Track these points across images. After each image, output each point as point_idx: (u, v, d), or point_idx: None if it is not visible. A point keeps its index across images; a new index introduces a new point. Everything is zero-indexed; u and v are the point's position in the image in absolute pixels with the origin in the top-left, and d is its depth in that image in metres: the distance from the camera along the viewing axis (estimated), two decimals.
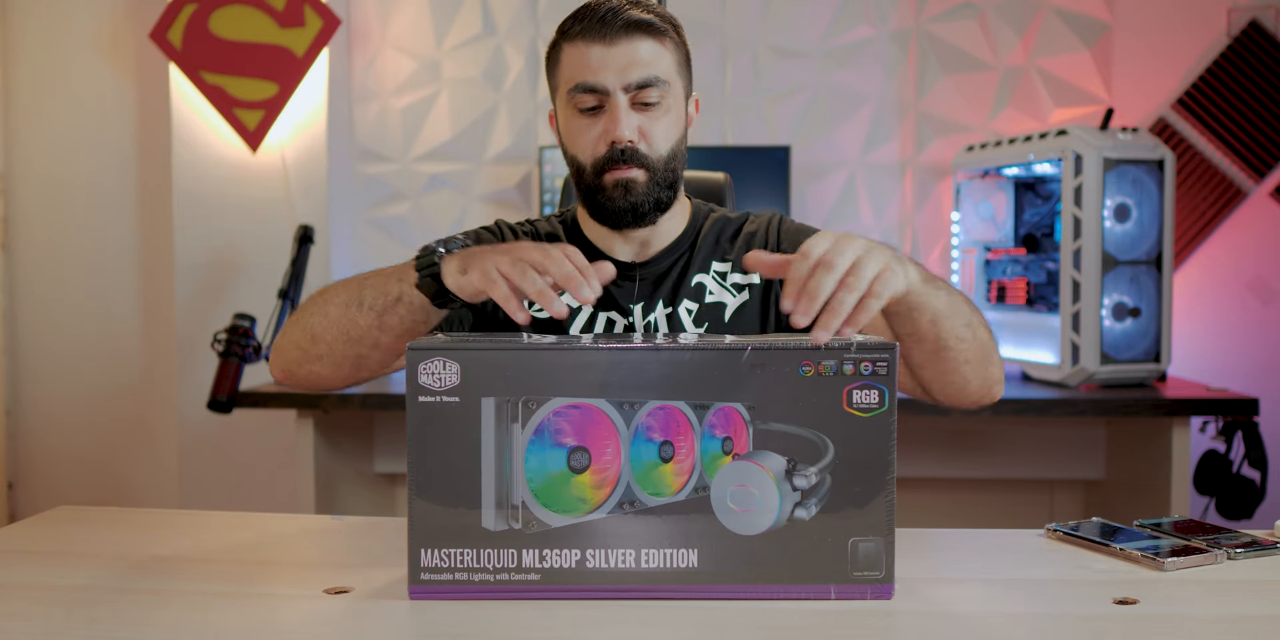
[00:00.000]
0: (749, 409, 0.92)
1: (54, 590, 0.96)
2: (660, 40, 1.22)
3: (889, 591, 0.93)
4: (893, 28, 3.05)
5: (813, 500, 0.92)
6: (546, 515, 0.92)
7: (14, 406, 3.19)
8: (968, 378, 1.17)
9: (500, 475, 0.91)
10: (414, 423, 0.90)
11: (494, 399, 0.90)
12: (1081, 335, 2.46)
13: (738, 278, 1.31)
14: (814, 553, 0.93)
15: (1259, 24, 2.93)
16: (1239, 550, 1.06)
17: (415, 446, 0.91)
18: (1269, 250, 2.97)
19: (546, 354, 0.91)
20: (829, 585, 0.93)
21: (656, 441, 0.92)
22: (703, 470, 0.92)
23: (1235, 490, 2.44)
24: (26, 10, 3.14)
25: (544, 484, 0.91)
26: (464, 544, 0.92)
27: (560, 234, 1.36)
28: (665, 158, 1.23)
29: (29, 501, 3.19)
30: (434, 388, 0.90)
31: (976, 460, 2.79)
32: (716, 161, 2.86)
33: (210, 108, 2.92)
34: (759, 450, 0.92)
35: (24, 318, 3.18)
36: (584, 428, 0.91)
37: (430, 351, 0.90)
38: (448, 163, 3.15)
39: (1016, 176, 2.79)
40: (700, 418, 0.92)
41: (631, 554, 0.92)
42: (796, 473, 0.92)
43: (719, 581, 0.93)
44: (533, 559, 0.92)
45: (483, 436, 0.91)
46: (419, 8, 3.12)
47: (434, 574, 0.92)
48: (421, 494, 0.91)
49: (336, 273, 3.06)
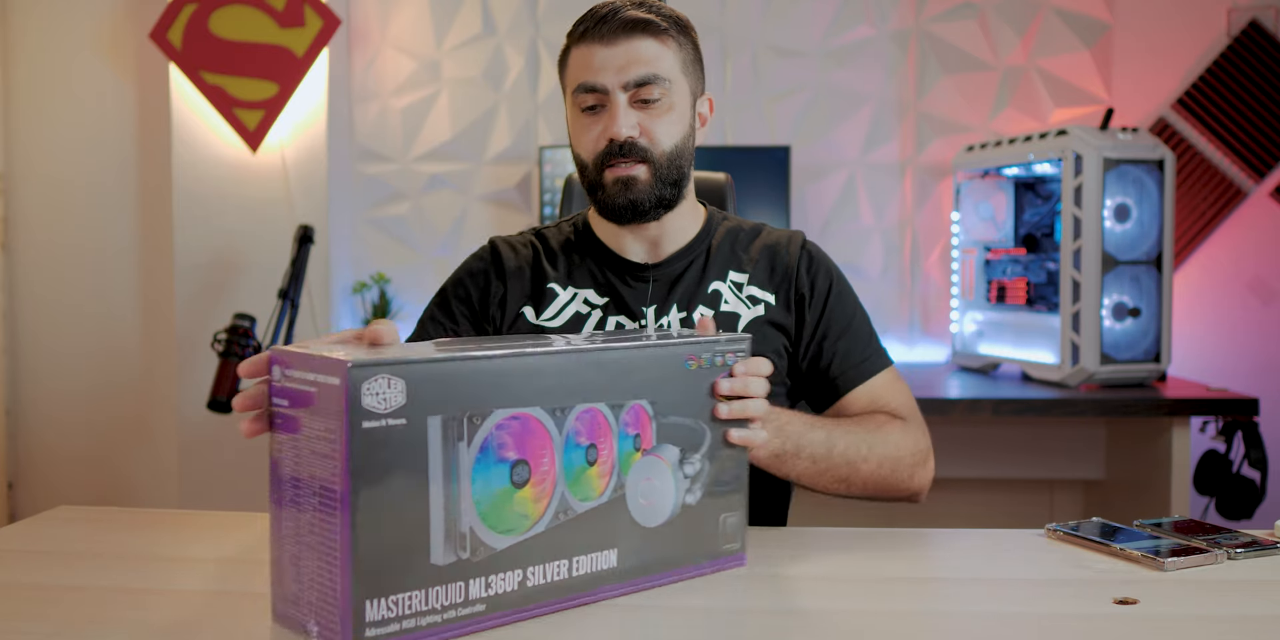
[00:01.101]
0: (652, 404, 0.95)
1: (54, 590, 0.96)
2: (661, 39, 1.23)
3: (744, 559, 1.03)
4: (893, 28, 3.05)
5: (697, 485, 0.99)
6: (492, 538, 0.85)
7: (14, 406, 3.19)
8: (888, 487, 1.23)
9: (449, 501, 0.82)
10: (355, 455, 0.77)
11: (440, 417, 0.81)
12: (1081, 335, 2.46)
13: (754, 290, 1.31)
14: (697, 533, 0.99)
15: (1259, 24, 2.93)
16: (1239, 550, 1.06)
17: (358, 484, 0.77)
18: (1269, 250, 2.97)
19: (487, 363, 0.84)
20: (707, 561, 1.00)
21: (583, 445, 0.91)
22: (619, 469, 0.93)
23: (1235, 490, 2.44)
24: (26, 10, 3.14)
25: (490, 505, 0.84)
26: (412, 586, 0.81)
27: (571, 240, 1.35)
28: (668, 154, 1.24)
29: (29, 501, 3.19)
30: (379, 410, 0.78)
31: (976, 460, 2.79)
32: (716, 161, 2.86)
33: (210, 108, 2.92)
34: (660, 443, 0.96)
35: (24, 318, 3.18)
36: (523, 439, 0.86)
37: (374, 368, 0.77)
38: (448, 163, 3.15)
39: (1016, 176, 2.79)
40: (617, 417, 0.93)
41: (565, 564, 0.90)
42: (686, 461, 0.98)
43: (633, 576, 0.95)
44: (479, 588, 0.85)
45: (429, 460, 0.81)
46: (419, 8, 3.12)
47: (380, 628, 0.79)
48: (366, 536, 0.78)
49: (336, 273, 3.06)
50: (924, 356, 3.10)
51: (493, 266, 1.34)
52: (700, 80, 1.31)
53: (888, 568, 1.04)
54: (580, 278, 1.32)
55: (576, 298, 1.30)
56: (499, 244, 1.36)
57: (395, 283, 3.13)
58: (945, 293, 3.07)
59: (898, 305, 3.11)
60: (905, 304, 3.11)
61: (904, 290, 3.10)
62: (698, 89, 1.30)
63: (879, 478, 1.19)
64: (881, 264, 3.10)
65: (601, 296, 1.30)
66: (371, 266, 3.17)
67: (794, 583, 0.99)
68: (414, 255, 3.15)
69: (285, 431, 0.82)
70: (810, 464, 1.14)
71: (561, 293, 1.31)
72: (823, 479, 1.17)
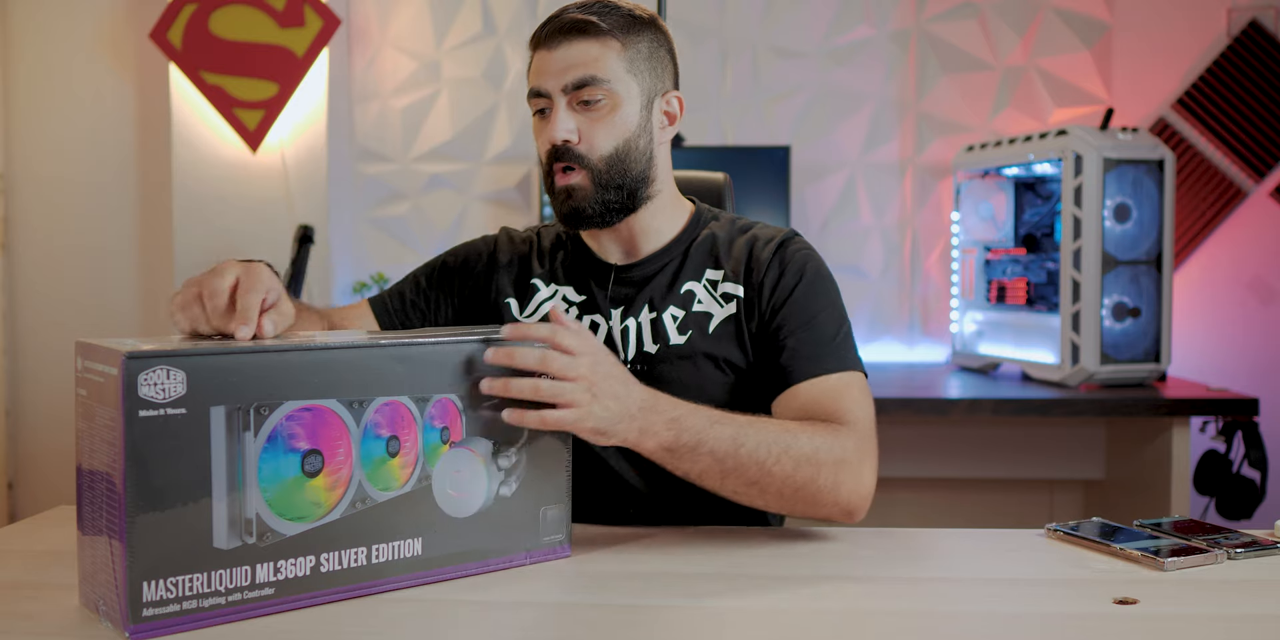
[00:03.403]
0: (461, 399, 0.97)
1: (54, 590, 0.95)
2: (602, 40, 1.22)
3: (568, 551, 1.05)
4: (893, 28, 3.05)
5: (513, 477, 1.01)
6: (281, 525, 0.88)
7: (14, 406, 3.19)
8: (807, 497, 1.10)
9: (232, 488, 0.85)
10: (132, 441, 0.80)
11: (224, 407, 0.84)
12: (1081, 335, 2.46)
13: (729, 287, 1.27)
14: (514, 525, 1.01)
15: (1259, 24, 2.93)
16: (1239, 550, 1.06)
17: (134, 468, 0.81)
18: (1269, 250, 2.97)
19: (276, 356, 0.88)
20: (525, 552, 1.02)
21: (384, 437, 0.93)
22: (424, 461, 0.96)
23: (1235, 490, 2.44)
24: (26, 10, 3.14)
25: (278, 493, 0.87)
26: (193, 569, 0.84)
27: (561, 238, 1.37)
28: (607, 158, 1.22)
29: (29, 501, 3.18)
30: (157, 400, 0.81)
31: (976, 460, 2.79)
32: (716, 161, 2.86)
33: (210, 108, 2.92)
34: (470, 436, 0.98)
35: (24, 318, 3.18)
36: (316, 430, 0.89)
37: (151, 360, 0.81)
38: (448, 163, 3.15)
39: (1016, 176, 2.79)
40: (422, 410, 0.95)
41: (363, 551, 0.93)
42: (500, 454, 1.00)
43: (439, 565, 0.97)
44: (267, 573, 0.87)
45: (212, 448, 0.84)
46: (419, 8, 3.12)
47: (159, 608, 0.83)
48: (142, 520, 0.81)
49: (337, 273, 3.06)
50: (924, 356, 3.10)
51: (490, 254, 1.38)
52: (661, 78, 1.27)
53: (888, 568, 1.04)
54: (563, 275, 1.33)
55: (557, 294, 1.32)
56: (503, 236, 1.40)
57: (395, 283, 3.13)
58: (945, 293, 3.07)
59: (898, 305, 3.10)
60: (905, 304, 3.11)
61: (904, 290, 3.10)
62: (656, 87, 1.26)
63: (795, 484, 1.08)
64: (881, 264, 3.10)
65: (580, 294, 1.31)
66: (371, 266, 3.17)
67: (790, 583, 0.99)
68: (414, 255, 3.15)
69: (84, 421, 0.87)
70: (713, 462, 1.06)
71: (544, 289, 1.32)
72: (730, 480, 1.08)
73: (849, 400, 1.17)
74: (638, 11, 1.26)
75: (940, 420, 2.65)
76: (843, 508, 1.11)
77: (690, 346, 1.24)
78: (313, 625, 0.87)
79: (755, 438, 1.07)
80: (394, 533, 0.94)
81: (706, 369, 1.24)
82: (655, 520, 1.23)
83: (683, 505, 1.24)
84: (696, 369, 1.23)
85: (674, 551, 1.08)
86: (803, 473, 1.08)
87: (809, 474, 1.08)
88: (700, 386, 1.22)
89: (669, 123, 1.29)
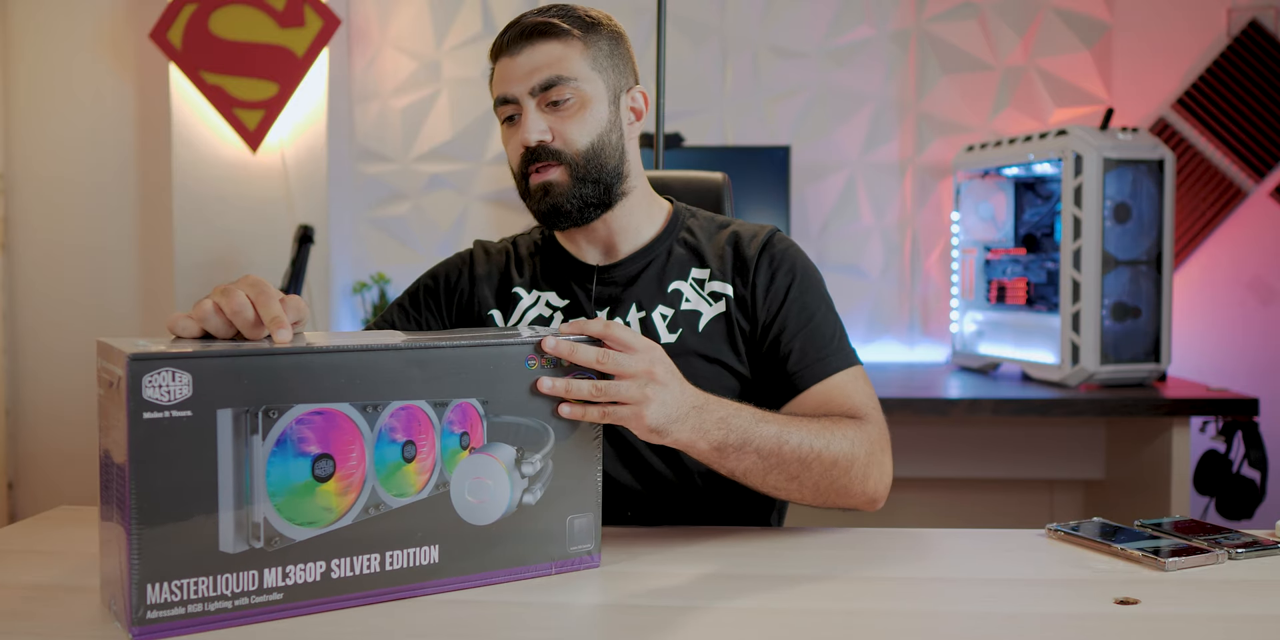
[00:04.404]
0: (483, 404, 0.95)
1: (54, 590, 0.95)
2: (563, 40, 1.23)
3: (598, 560, 1.02)
4: (893, 28, 3.05)
5: (538, 485, 0.98)
6: (290, 529, 0.86)
7: (14, 406, 3.19)
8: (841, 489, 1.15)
9: (239, 492, 0.84)
10: (136, 443, 0.80)
11: (231, 410, 0.83)
12: (1081, 335, 2.46)
13: (716, 285, 1.28)
14: (539, 534, 0.98)
15: (1259, 24, 2.93)
16: (1239, 550, 1.05)
17: (138, 470, 0.80)
18: (1269, 250, 2.97)
19: (286, 359, 0.86)
20: (550, 562, 0.99)
21: (399, 442, 0.91)
22: (443, 467, 0.93)
23: (1235, 490, 2.44)
24: (26, 10, 3.14)
25: (287, 497, 0.86)
26: (198, 572, 0.83)
27: (538, 244, 1.37)
28: (584, 152, 1.22)
29: (29, 501, 3.18)
30: (161, 402, 0.80)
31: (976, 460, 2.79)
32: (716, 161, 2.86)
33: (210, 108, 2.92)
34: (492, 442, 0.95)
35: (24, 318, 3.18)
36: (327, 434, 0.87)
37: (157, 362, 0.80)
38: (448, 163, 3.15)
39: (1016, 176, 2.79)
40: (440, 415, 0.93)
41: (376, 558, 0.91)
42: (524, 461, 0.97)
43: (458, 573, 0.95)
44: (275, 577, 0.86)
45: (219, 452, 0.83)
46: (419, 8, 3.12)
47: (163, 610, 0.82)
48: (147, 523, 0.81)
49: (337, 273, 3.06)
50: (924, 356, 3.10)
51: (468, 268, 1.37)
52: (624, 75, 1.28)
53: (888, 568, 1.04)
54: (544, 281, 1.33)
55: (540, 301, 1.31)
56: (477, 248, 1.40)
57: (395, 283, 3.13)
58: (945, 293, 3.07)
59: (898, 305, 3.11)
60: (905, 304, 3.11)
61: (904, 290, 3.10)
62: (621, 84, 1.27)
63: (831, 478, 1.13)
64: (881, 264, 3.10)
65: (563, 298, 1.31)
66: (371, 266, 3.17)
67: (790, 583, 0.99)
68: (414, 255, 3.15)
69: (103, 418, 0.87)
70: (758, 459, 1.08)
71: (526, 296, 1.32)
72: (772, 476, 1.11)
73: (860, 395, 1.23)
74: (593, 12, 1.27)
75: (940, 420, 2.64)
76: (869, 497, 1.17)
77: (681, 345, 1.25)
78: (322, 631, 0.86)
79: (796, 436, 1.10)
80: (410, 540, 0.92)
81: (698, 367, 1.24)
82: (653, 522, 1.23)
83: (680, 507, 1.24)
84: (688, 367, 1.23)
85: (674, 552, 1.08)
86: (839, 468, 1.13)
87: (844, 468, 1.13)
88: (693, 385, 1.22)
89: (636, 118, 1.30)
